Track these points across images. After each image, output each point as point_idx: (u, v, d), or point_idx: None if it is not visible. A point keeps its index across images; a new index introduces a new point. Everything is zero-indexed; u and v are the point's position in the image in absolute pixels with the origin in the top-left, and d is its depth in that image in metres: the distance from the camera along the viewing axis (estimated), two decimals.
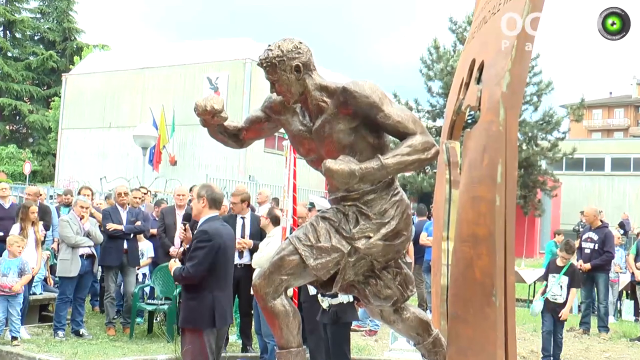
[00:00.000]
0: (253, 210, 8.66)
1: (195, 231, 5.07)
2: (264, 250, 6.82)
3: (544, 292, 7.78)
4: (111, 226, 8.69)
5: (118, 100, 29.31)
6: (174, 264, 5.15)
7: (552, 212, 30.48)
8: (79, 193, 10.58)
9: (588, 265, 9.79)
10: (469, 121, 19.72)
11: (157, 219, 9.88)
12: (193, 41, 30.38)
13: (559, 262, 7.78)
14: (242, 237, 7.86)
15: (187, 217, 5.53)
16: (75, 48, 42.81)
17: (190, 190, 10.49)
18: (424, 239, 10.70)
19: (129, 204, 9.05)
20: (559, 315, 7.53)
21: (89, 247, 8.28)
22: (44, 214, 9.45)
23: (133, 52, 31.38)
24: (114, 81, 29.41)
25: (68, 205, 10.23)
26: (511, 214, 3.44)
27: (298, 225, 6.90)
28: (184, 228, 5.63)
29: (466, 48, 4.75)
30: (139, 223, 8.91)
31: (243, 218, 8.01)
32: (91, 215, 8.82)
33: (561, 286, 7.64)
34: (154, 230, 9.44)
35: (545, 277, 8.00)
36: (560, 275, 7.67)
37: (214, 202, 5.08)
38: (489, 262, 3.47)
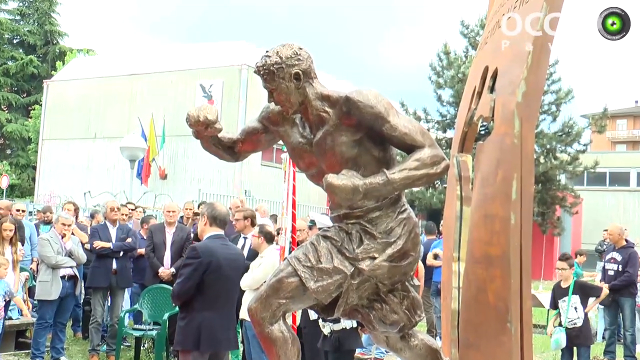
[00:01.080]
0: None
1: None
2: (254, 271, 6.81)
3: (559, 323, 7.67)
4: (98, 244, 8.70)
5: (104, 109, 29.38)
6: None
7: (572, 231, 30.45)
8: (62, 209, 10.60)
9: (606, 290, 9.74)
10: (482, 133, 19.76)
11: (144, 237, 9.89)
12: (185, 45, 30.52)
13: (563, 284, 7.69)
14: None
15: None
16: (58, 52, 42.99)
17: (188, 209, 10.52)
18: (431, 259, 10.69)
19: (119, 220, 9.08)
20: (586, 311, 7.41)
21: (71, 267, 8.28)
22: (17, 229, 9.46)
23: (121, 57, 31.51)
24: (100, 88, 29.49)
25: (48, 223, 10.24)
26: (527, 233, 3.44)
27: (298, 244, 6.90)
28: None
29: (478, 54, 4.77)
30: (129, 240, 8.93)
31: (245, 238, 8.02)
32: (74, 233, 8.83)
33: (575, 308, 7.55)
34: (141, 250, 9.45)
35: (553, 306, 7.88)
36: (570, 296, 7.59)
37: (215, 219, 5.18)
38: (503, 285, 3.47)
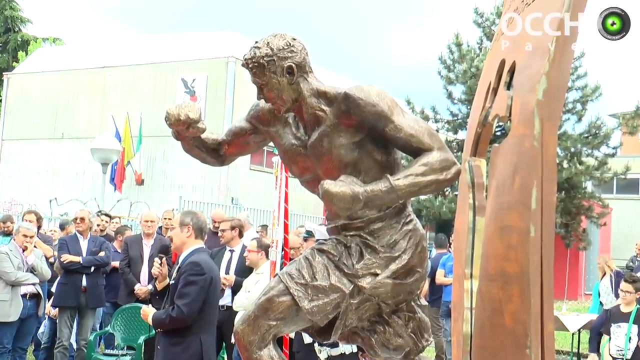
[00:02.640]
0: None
1: (183, 263, 5.15)
2: (252, 290, 6.83)
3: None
4: (66, 258, 8.69)
5: (72, 105, 29.35)
6: (149, 310, 5.20)
7: (600, 245, 30.45)
8: (22, 219, 10.60)
9: None
10: (498, 134, 19.77)
11: (118, 250, 9.88)
12: (165, 35, 30.52)
13: (624, 309, 7.55)
14: (227, 273, 7.88)
15: (165, 250, 5.59)
16: (20, 41, 42.86)
17: (168, 218, 10.51)
18: (440, 277, 10.70)
19: (90, 231, 9.08)
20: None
21: (33, 284, 8.26)
22: None
23: (92, 48, 31.50)
24: (68, 82, 29.46)
25: (8, 234, 10.23)
26: (549, 247, 3.45)
27: (290, 259, 6.90)
28: (160, 262, 5.67)
29: (494, 46, 4.78)
30: (102, 254, 8.92)
31: (232, 251, 8.02)
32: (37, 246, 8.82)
33: (630, 338, 7.40)
34: (115, 264, 9.45)
35: (603, 330, 7.71)
36: (630, 325, 7.42)
37: (201, 231, 5.21)
38: (521, 306, 3.47)
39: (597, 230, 29.00)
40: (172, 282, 5.29)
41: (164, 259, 5.80)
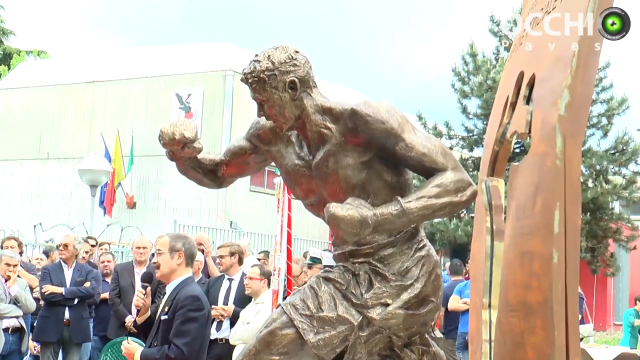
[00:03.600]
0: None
1: (177, 295, 5.05)
2: (252, 322, 6.83)
3: None
4: (47, 288, 8.68)
5: (58, 123, 29.43)
6: (133, 347, 5.10)
7: (630, 271, 30.31)
8: (1, 246, 10.61)
9: None
10: (517, 152, 19.75)
11: (106, 279, 9.88)
12: (157, 47, 30.62)
13: None
14: (225, 303, 7.86)
15: (148, 278, 5.51)
16: (2, 55, 43.11)
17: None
18: (455, 302, 10.67)
19: (77, 259, 9.08)
20: None
21: (17, 317, 8.26)
22: None
23: (79, 61, 31.63)
24: (54, 98, 29.55)
25: None
26: (574, 274, 3.44)
27: (293, 288, 6.89)
28: (144, 292, 5.60)
29: (512, 57, 4.79)
30: (88, 284, 8.91)
31: (230, 280, 8.01)
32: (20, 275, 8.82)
33: None
34: (105, 295, 9.44)
35: None
36: None
37: (192, 258, 5.16)
38: (545, 338, 3.46)
39: (626, 255, 28.87)
40: (163, 316, 5.16)
41: (149, 288, 5.70)
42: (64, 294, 8.72)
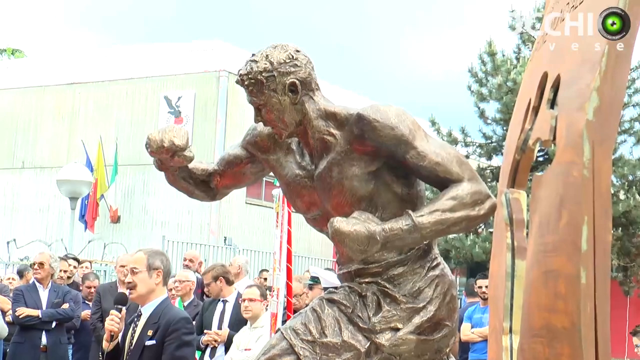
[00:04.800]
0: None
1: (170, 319, 5.02)
2: (253, 347, 6.84)
3: None
4: (22, 311, 8.68)
5: (35, 129, 29.45)
6: None
7: None
8: None
9: None
10: (540, 161, 19.73)
11: (86, 300, 9.87)
12: (144, 46, 30.65)
13: None
14: (220, 327, 7.88)
15: (122, 300, 5.46)
16: None
17: None
18: (466, 331, 10.62)
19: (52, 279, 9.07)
20: None
21: None
22: None
23: (58, 61, 31.60)
24: (30, 102, 29.58)
25: None
26: (604, 296, 3.43)
27: (294, 311, 6.89)
28: (119, 315, 5.55)
29: (535, 56, 4.80)
30: (66, 306, 8.90)
31: (225, 302, 8.03)
32: None
33: None
34: (86, 313, 9.44)
35: None
36: None
37: (168, 277, 5.18)
38: None
39: None
40: (149, 341, 5.10)
41: (124, 311, 5.65)
42: (40, 316, 8.71)
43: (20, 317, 8.67)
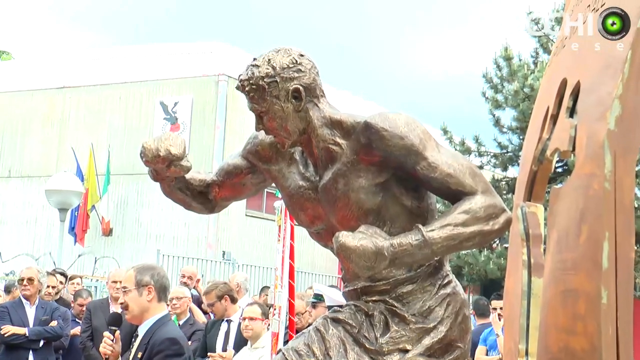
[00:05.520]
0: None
1: (151, 339, 5.02)
2: None
3: None
4: (8, 329, 8.69)
5: (22, 135, 29.48)
6: None
7: None
8: None
9: None
10: (559, 172, 19.70)
11: (77, 319, 9.88)
12: (139, 48, 30.69)
13: None
14: (224, 349, 7.88)
15: (116, 320, 5.47)
16: None
17: None
18: (482, 355, 10.59)
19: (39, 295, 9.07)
20: None
21: None
22: None
23: (47, 63, 31.64)
24: (17, 106, 29.60)
25: None
26: (626, 316, 3.43)
27: (297, 331, 6.88)
28: (112, 337, 5.55)
29: (553, 61, 4.81)
30: (54, 323, 8.91)
31: (229, 321, 8.03)
32: None
33: None
34: (75, 330, 9.44)
35: None
36: None
37: (164, 291, 5.11)
38: None
39: None
40: None
41: (118, 332, 5.65)
42: (27, 334, 8.71)
43: (5, 335, 8.67)
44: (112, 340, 5.47)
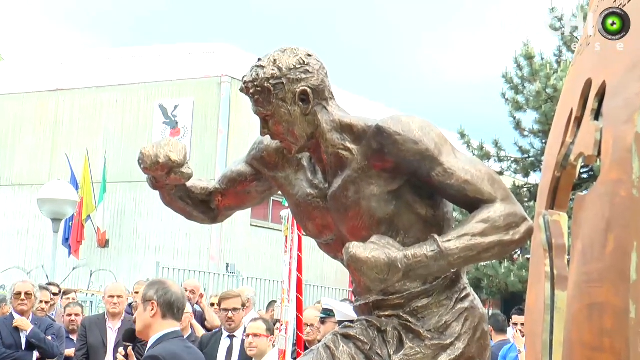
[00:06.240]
0: None
1: (145, 358, 5.03)
2: None
3: None
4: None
5: (13, 141, 29.51)
6: None
7: None
8: None
9: None
10: (584, 178, 19.67)
11: (72, 337, 9.89)
12: (137, 49, 30.71)
13: None
14: None
15: (130, 336, 5.51)
16: None
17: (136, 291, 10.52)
18: None
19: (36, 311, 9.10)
20: None
21: None
22: None
23: (40, 65, 31.67)
24: (7, 111, 29.60)
25: None
26: None
27: (306, 347, 6.89)
28: (124, 353, 5.58)
29: (577, 60, 4.81)
30: (49, 339, 8.93)
31: (232, 337, 8.02)
32: None
33: None
34: (70, 352, 9.45)
35: None
36: None
37: (170, 307, 5.09)
38: None
39: None
40: None
41: (130, 348, 5.67)
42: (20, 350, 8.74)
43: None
44: (125, 357, 5.51)
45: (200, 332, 9.83)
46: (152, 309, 5.00)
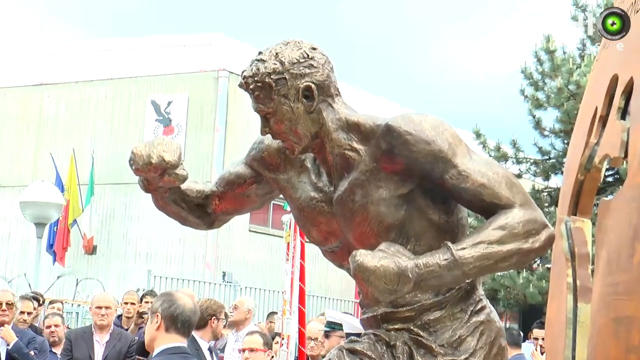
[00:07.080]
0: None
1: None
2: None
3: None
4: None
5: None
6: None
7: None
8: None
9: None
10: (609, 182, 19.66)
11: (54, 350, 9.89)
12: (128, 40, 30.75)
13: None
14: None
15: (141, 349, 5.54)
16: None
17: (130, 302, 10.50)
18: None
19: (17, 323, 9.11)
20: None
21: None
22: None
23: (22, 58, 31.72)
24: None
25: None
26: None
27: None
28: None
29: (602, 55, 4.81)
30: (31, 354, 8.94)
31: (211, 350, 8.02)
32: None
33: None
34: None
35: None
36: None
37: (174, 321, 5.13)
38: None
39: None
40: None
41: None
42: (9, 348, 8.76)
43: None
44: None
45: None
46: (157, 322, 5.07)
